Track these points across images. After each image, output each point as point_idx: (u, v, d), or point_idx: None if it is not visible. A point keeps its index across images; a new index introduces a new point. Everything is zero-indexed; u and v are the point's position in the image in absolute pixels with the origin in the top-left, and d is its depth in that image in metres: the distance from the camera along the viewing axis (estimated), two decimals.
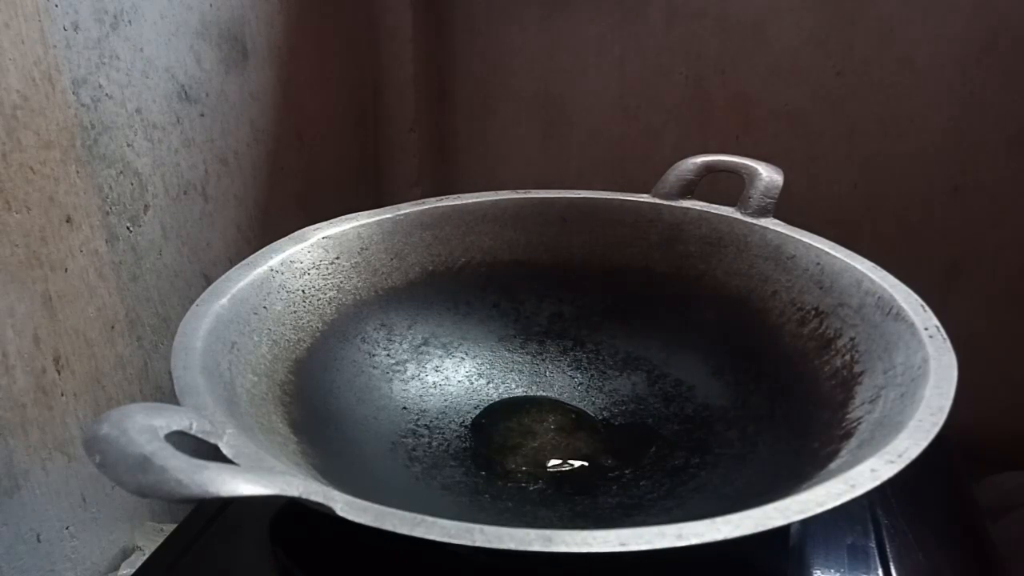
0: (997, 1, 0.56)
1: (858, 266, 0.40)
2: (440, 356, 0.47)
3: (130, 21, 0.44)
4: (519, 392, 0.46)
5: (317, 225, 0.45)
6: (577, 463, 0.40)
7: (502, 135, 0.75)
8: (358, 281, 0.45)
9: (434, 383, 0.45)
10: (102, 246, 0.43)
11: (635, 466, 0.39)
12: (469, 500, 0.37)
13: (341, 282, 0.44)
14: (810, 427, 0.36)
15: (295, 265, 0.42)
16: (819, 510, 0.24)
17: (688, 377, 0.45)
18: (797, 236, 0.44)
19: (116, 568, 0.46)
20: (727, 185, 0.48)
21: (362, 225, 0.46)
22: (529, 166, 0.75)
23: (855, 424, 0.32)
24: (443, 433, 0.42)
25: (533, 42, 0.70)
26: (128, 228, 0.45)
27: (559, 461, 0.40)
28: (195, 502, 0.36)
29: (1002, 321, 0.62)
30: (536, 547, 0.22)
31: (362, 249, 0.46)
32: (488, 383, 0.46)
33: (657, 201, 0.49)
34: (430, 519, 0.23)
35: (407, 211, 0.48)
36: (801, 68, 0.62)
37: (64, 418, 0.41)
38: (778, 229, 0.45)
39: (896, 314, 0.36)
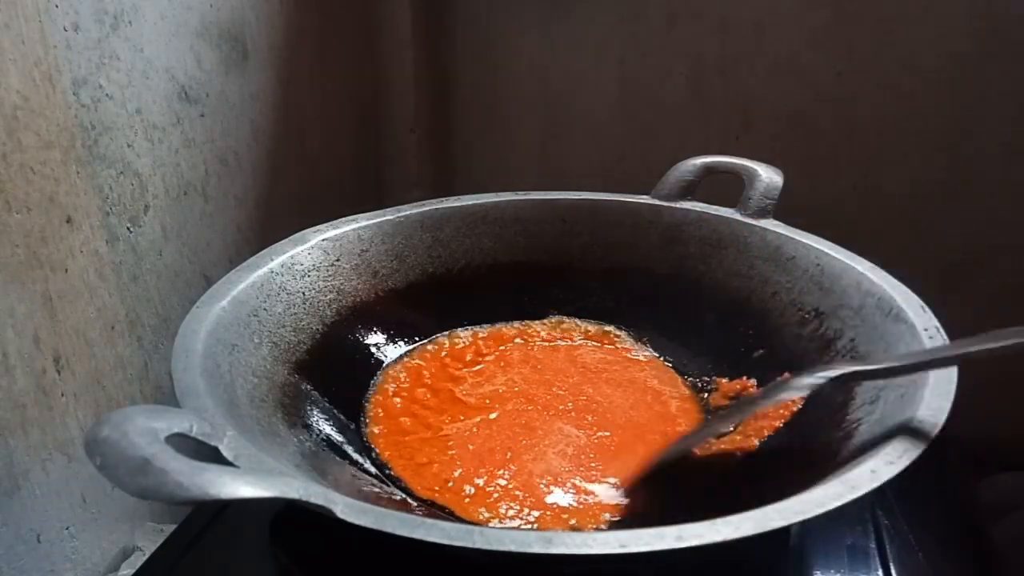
0: (997, 1, 0.56)
1: (858, 267, 0.40)
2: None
3: (130, 21, 0.44)
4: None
5: (317, 227, 0.45)
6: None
7: (502, 136, 0.75)
8: (358, 283, 0.45)
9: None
10: (102, 246, 0.43)
11: None
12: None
13: (341, 284, 0.44)
14: (810, 428, 0.36)
15: (295, 267, 0.42)
16: (819, 511, 0.24)
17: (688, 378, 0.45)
18: (797, 237, 0.44)
19: (116, 568, 0.46)
20: (727, 186, 0.48)
21: (362, 227, 0.46)
22: (529, 167, 0.75)
23: (855, 425, 0.32)
24: None
25: (533, 43, 0.70)
26: (128, 228, 0.45)
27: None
28: (196, 504, 0.36)
29: (1002, 321, 0.62)
30: (536, 549, 0.22)
31: (362, 251, 0.46)
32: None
33: (657, 202, 0.49)
34: (430, 521, 0.23)
35: (407, 213, 0.48)
36: (801, 68, 0.62)
37: (64, 418, 0.41)
38: (778, 230, 0.45)
39: (896, 315, 0.36)
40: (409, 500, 0.35)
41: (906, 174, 0.62)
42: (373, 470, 0.37)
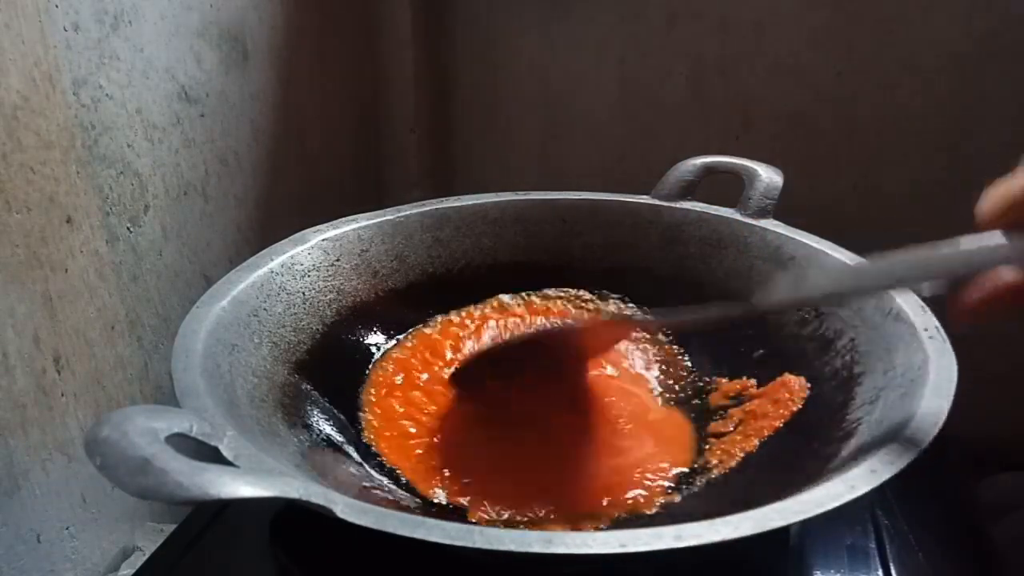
0: (997, 1, 0.56)
1: None
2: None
3: (130, 21, 0.44)
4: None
5: (317, 227, 0.45)
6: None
7: (502, 136, 0.75)
8: (358, 283, 0.45)
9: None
10: (102, 246, 0.43)
11: None
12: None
13: (341, 284, 0.44)
14: (810, 428, 0.36)
15: (295, 267, 0.42)
16: (819, 511, 0.24)
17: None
18: (797, 237, 0.44)
19: (116, 568, 0.46)
20: (727, 186, 0.48)
21: (362, 227, 0.46)
22: (529, 167, 0.75)
23: (855, 425, 0.32)
24: None
25: (534, 43, 0.70)
26: (128, 228, 0.45)
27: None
28: (196, 504, 0.36)
29: (1001, 321, 0.62)
30: (536, 549, 0.22)
31: (362, 251, 0.46)
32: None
33: (657, 202, 0.49)
34: (431, 521, 0.23)
35: (407, 213, 0.48)
36: (801, 68, 0.62)
37: (64, 418, 0.41)
38: (778, 230, 0.45)
39: (896, 315, 0.36)
40: (410, 500, 0.35)
41: (906, 174, 0.62)
42: (374, 471, 0.37)
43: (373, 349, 0.45)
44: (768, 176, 0.47)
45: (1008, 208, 0.25)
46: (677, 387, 0.44)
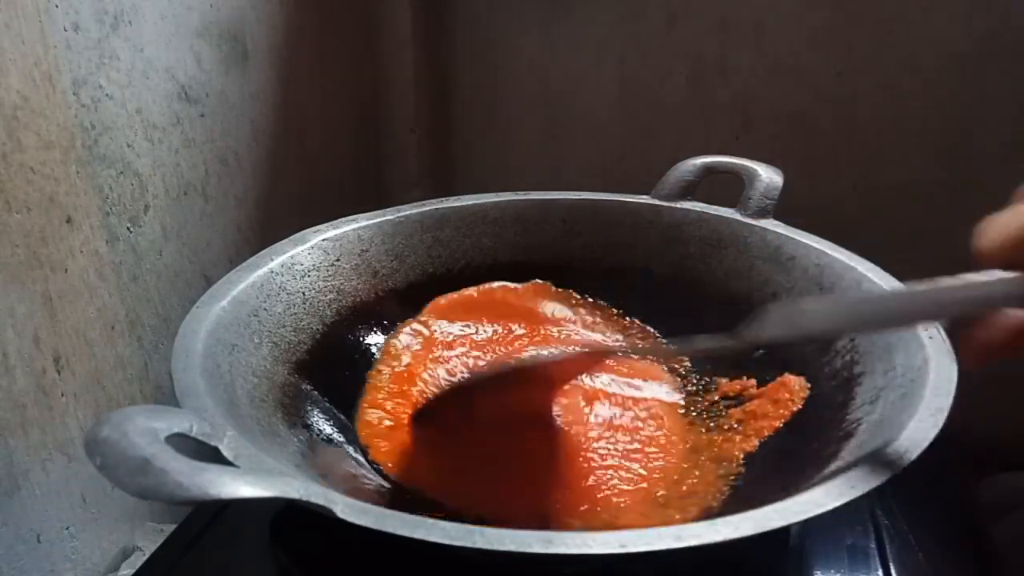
0: (997, 1, 0.56)
1: (858, 267, 0.40)
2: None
3: (130, 21, 0.44)
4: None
5: (317, 227, 0.45)
6: None
7: (502, 136, 0.75)
8: (358, 283, 0.45)
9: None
10: (102, 246, 0.43)
11: None
12: None
13: (341, 284, 0.44)
14: (810, 428, 0.36)
15: (295, 267, 0.42)
16: (819, 511, 0.24)
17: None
18: (797, 237, 0.44)
19: (116, 568, 0.46)
20: (727, 186, 0.48)
21: (362, 227, 0.46)
22: (529, 167, 0.75)
23: (855, 425, 0.32)
24: None
25: (534, 43, 0.70)
26: (128, 228, 0.45)
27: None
28: (196, 504, 0.36)
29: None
30: (536, 549, 0.22)
31: (362, 251, 0.46)
32: None
33: (657, 202, 0.49)
34: (430, 521, 0.23)
35: (407, 213, 0.48)
36: (801, 68, 0.62)
37: (64, 418, 0.41)
38: (778, 230, 0.45)
39: None
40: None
41: (906, 174, 0.62)
42: (374, 471, 0.37)
43: (373, 349, 0.45)
44: (768, 176, 0.47)
45: (1008, 246, 0.25)
46: (677, 387, 0.44)
